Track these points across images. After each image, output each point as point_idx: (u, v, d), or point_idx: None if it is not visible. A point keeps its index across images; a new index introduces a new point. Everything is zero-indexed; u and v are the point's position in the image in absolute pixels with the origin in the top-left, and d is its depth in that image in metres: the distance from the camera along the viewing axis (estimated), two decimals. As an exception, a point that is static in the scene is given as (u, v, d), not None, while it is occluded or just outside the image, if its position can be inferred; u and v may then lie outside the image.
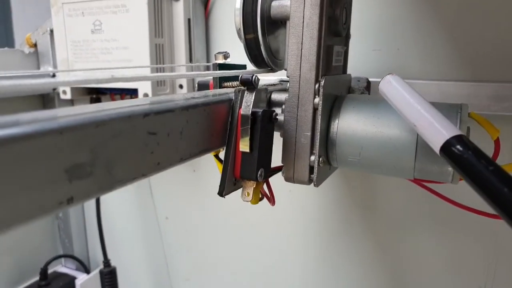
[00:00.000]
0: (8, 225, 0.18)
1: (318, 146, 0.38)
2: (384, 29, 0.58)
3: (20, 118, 0.19)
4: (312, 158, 0.39)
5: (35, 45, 0.76)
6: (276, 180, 0.40)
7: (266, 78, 0.52)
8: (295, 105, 0.38)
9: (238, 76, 0.36)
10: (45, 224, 0.88)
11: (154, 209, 0.81)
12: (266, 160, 0.35)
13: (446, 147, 0.29)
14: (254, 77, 0.33)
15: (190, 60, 0.62)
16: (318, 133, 0.38)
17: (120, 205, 0.86)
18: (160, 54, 0.61)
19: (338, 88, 0.43)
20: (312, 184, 0.40)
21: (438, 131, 0.30)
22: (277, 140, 0.40)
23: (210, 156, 0.72)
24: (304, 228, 0.69)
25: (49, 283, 0.82)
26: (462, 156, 0.28)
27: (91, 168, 0.21)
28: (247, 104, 0.33)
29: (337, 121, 0.40)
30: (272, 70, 0.44)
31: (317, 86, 0.38)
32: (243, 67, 0.44)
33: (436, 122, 0.30)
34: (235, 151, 0.34)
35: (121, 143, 0.23)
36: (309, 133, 0.38)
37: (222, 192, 0.33)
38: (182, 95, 0.32)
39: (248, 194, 0.35)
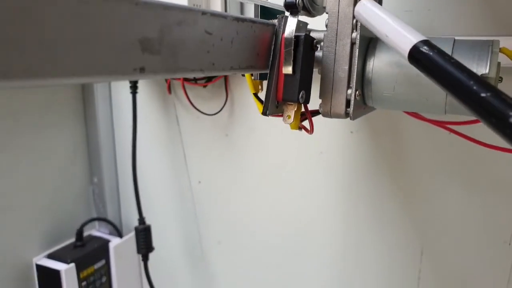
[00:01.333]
0: (97, 72, 0.20)
1: (355, 79, 0.40)
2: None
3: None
4: (349, 91, 0.40)
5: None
6: (308, 142, 0.41)
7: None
8: (334, 40, 0.40)
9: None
10: (80, 190, 0.91)
11: (187, 173, 0.84)
12: (307, 84, 0.37)
13: (414, 51, 0.31)
14: None
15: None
16: (356, 67, 0.40)
17: (154, 169, 0.89)
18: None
19: (373, 31, 0.45)
20: (348, 118, 0.41)
21: (406, 38, 0.32)
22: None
23: (242, 120, 0.74)
24: (334, 190, 0.70)
25: (84, 244, 0.85)
26: (429, 54, 0.30)
27: (159, 46, 0.24)
28: (291, 27, 0.35)
29: (372, 59, 0.41)
30: (310, 14, 0.46)
31: (354, 21, 0.39)
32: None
33: (404, 30, 0.33)
34: (278, 75, 0.36)
35: (183, 32, 0.25)
36: (346, 67, 0.40)
37: (266, 112, 0.35)
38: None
39: (290, 117, 0.37)
